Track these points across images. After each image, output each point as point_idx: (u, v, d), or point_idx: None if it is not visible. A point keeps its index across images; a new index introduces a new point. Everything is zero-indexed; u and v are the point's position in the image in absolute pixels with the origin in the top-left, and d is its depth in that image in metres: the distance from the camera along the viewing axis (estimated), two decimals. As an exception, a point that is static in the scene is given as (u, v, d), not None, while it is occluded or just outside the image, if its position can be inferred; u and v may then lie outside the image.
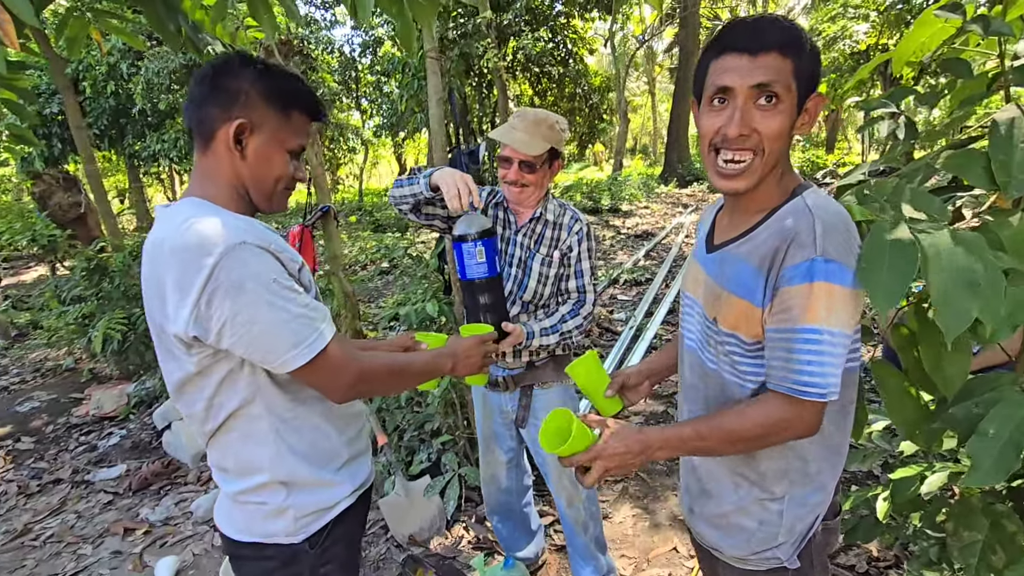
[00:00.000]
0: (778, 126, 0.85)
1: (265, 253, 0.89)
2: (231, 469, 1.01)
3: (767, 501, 1.00)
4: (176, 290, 0.85)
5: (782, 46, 0.82)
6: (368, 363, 1.00)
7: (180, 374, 0.94)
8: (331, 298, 2.94)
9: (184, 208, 0.92)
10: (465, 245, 1.38)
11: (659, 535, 2.28)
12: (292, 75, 0.99)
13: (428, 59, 2.01)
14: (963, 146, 1.12)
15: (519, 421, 1.74)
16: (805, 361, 0.83)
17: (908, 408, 1.03)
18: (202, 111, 0.94)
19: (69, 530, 2.64)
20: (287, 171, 1.00)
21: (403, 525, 2.34)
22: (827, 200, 0.89)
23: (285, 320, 0.89)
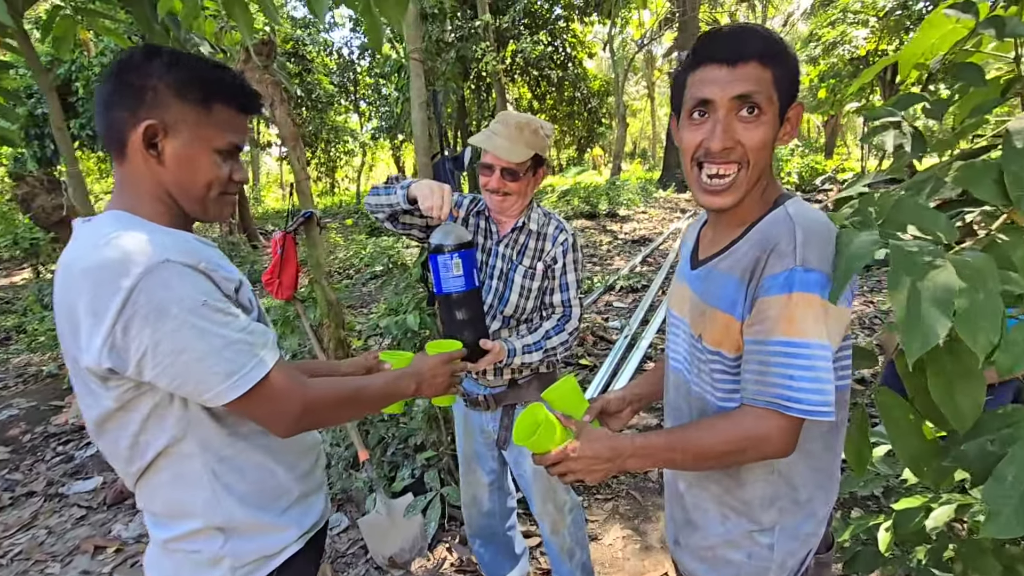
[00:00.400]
0: (761, 137, 0.82)
1: (193, 272, 0.80)
2: (160, 513, 0.91)
3: (756, 533, 0.94)
4: (88, 316, 0.75)
5: (762, 56, 0.80)
6: (317, 391, 0.90)
7: (98, 411, 0.83)
8: (314, 307, 2.85)
9: (103, 223, 0.82)
10: (441, 257, 1.30)
11: (650, 559, 2.19)
12: (211, 63, 0.88)
13: (411, 60, 1.92)
14: (974, 157, 1.04)
15: (501, 442, 1.65)
16: (781, 375, 0.79)
17: (914, 441, 0.94)
18: (109, 115, 0.84)
19: (38, 547, 2.54)
20: (218, 174, 0.88)
21: (383, 546, 2.24)
22: (809, 209, 0.86)
23: (218, 347, 0.79)
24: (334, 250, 8.44)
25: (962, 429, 0.86)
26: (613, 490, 2.63)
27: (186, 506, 0.88)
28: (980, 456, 0.83)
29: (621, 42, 22.80)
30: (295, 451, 1.00)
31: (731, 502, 0.95)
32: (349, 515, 2.53)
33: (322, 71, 15.84)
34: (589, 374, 3.95)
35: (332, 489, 2.63)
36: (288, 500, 0.97)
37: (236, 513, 0.90)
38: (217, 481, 0.88)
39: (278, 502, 0.96)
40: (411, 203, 1.39)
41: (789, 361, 0.78)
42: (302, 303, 2.84)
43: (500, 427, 1.65)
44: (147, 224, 0.83)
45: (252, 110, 0.92)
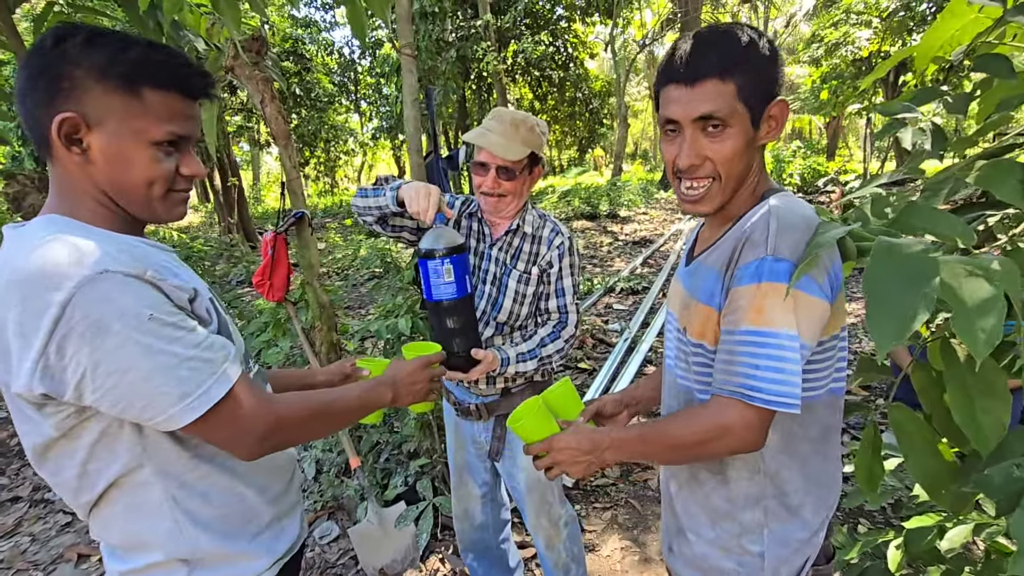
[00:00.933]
0: (730, 150, 0.83)
1: (137, 282, 0.70)
2: (118, 545, 0.83)
3: (744, 539, 0.92)
4: (17, 336, 0.67)
5: (721, 71, 0.79)
6: (285, 407, 0.82)
7: (39, 439, 0.75)
8: (306, 309, 2.78)
9: (35, 228, 0.72)
10: (431, 262, 1.23)
11: (649, 570, 2.12)
12: (138, 41, 0.75)
13: (403, 56, 1.86)
14: (997, 156, 0.97)
15: (493, 453, 1.59)
16: (747, 364, 0.78)
17: (931, 462, 0.88)
18: (25, 110, 0.74)
19: (21, 555, 2.48)
20: (159, 170, 0.77)
21: (374, 556, 2.17)
22: (792, 201, 0.86)
23: (169, 366, 0.71)
24: (332, 251, 8.38)
25: (984, 451, 0.80)
26: (612, 498, 2.56)
27: (145, 538, 0.81)
28: (1006, 482, 0.76)
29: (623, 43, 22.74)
30: (266, 471, 0.92)
31: (717, 503, 0.94)
32: (340, 524, 2.47)
33: (322, 70, 15.80)
34: (588, 377, 3.89)
35: (323, 496, 2.56)
36: (259, 525, 0.90)
37: (201, 543, 0.83)
38: (178, 509, 0.81)
39: (247, 528, 0.89)
40: (400, 206, 1.32)
41: (755, 351, 0.77)
42: (294, 305, 2.78)
43: (492, 438, 1.58)
44: (87, 228, 0.75)
45: (198, 94, 0.80)
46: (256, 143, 15.16)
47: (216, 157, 10.71)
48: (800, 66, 14.26)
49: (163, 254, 0.80)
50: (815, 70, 11.76)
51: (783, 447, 0.89)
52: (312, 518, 2.53)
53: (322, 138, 16.29)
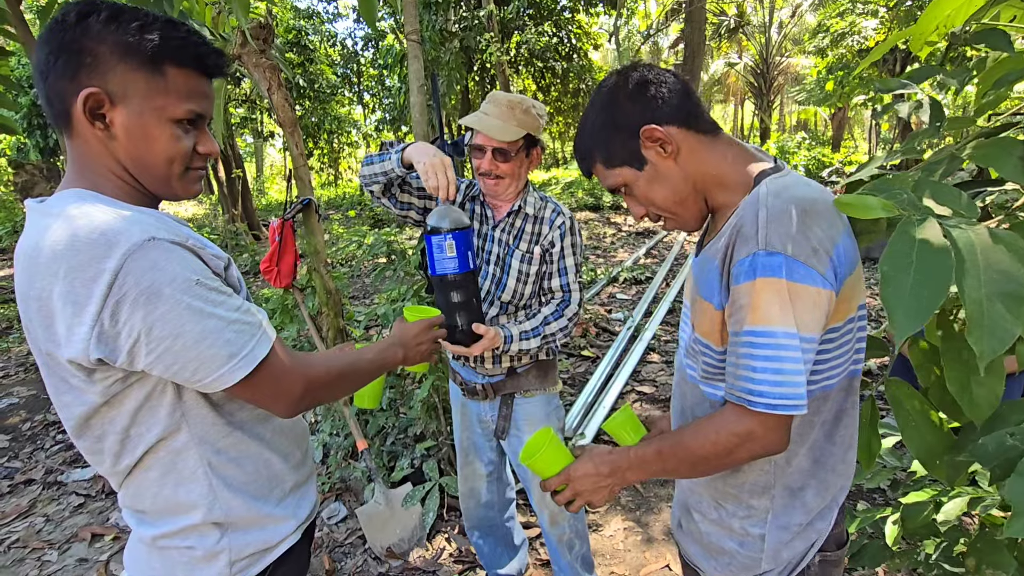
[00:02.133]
0: (645, 196, 0.89)
1: (181, 249, 0.73)
2: (149, 511, 0.86)
3: (747, 521, 0.91)
4: (68, 304, 0.68)
5: (587, 163, 0.92)
6: (317, 367, 0.87)
7: (82, 408, 0.76)
8: (313, 295, 2.81)
9: (65, 202, 0.73)
10: (435, 238, 1.26)
11: (652, 550, 2.16)
12: (159, 18, 0.76)
13: (408, 42, 1.87)
14: (995, 134, 0.99)
15: (499, 432, 1.62)
16: (750, 367, 0.75)
17: (927, 435, 0.90)
18: (47, 85, 0.74)
19: (36, 535, 2.53)
20: (179, 147, 0.79)
21: (382, 536, 2.22)
22: (787, 184, 0.80)
23: (217, 328, 0.74)
24: (335, 241, 8.41)
25: (979, 421, 0.82)
26: (614, 482, 2.60)
27: (180, 502, 0.83)
28: (999, 451, 0.79)
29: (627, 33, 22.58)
30: (289, 439, 0.96)
31: (724, 488, 0.93)
32: (347, 505, 2.51)
33: (325, 62, 15.76)
34: (591, 365, 3.92)
35: (331, 478, 2.61)
36: (283, 490, 0.94)
37: (234, 506, 0.86)
38: (214, 474, 0.84)
39: (274, 492, 0.92)
40: (407, 168, 1.34)
41: (753, 352, 0.74)
42: (301, 291, 2.81)
43: (499, 417, 1.61)
44: (116, 203, 0.76)
45: (215, 72, 0.82)
46: (260, 135, 15.16)
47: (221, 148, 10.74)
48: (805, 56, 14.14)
49: (186, 227, 0.83)
50: (821, 60, 11.68)
51: (794, 436, 0.87)
52: (320, 499, 2.57)
53: (325, 129, 16.27)
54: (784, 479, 0.87)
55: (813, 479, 0.89)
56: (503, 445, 1.68)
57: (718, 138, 0.88)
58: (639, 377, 3.71)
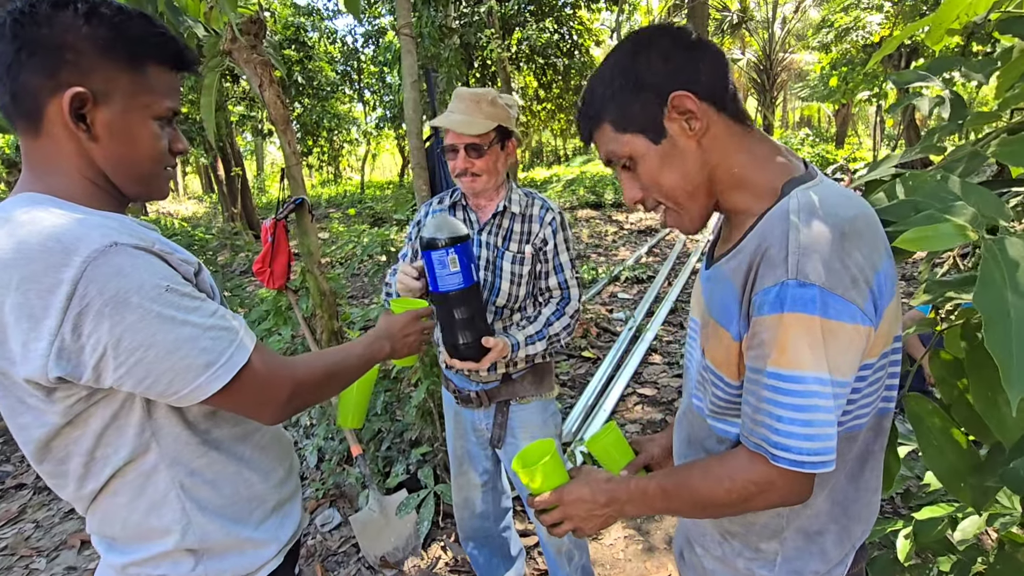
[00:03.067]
0: (648, 175, 0.76)
1: (147, 254, 0.68)
2: (119, 537, 0.80)
3: (754, 563, 0.82)
4: (22, 319, 0.63)
5: (592, 122, 0.78)
6: (302, 368, 0.82)
7: (42, 430, 0.71)
8: (307, 296, 2.76)
9: (18, 206, 0.68)
10: (435, 253, 1.19)
11: (652, 560, 2.10)
12: (136, 13, 0.72)
13: (401, 37, 1.81)
14: (1020, 130, 0.92)
15: (495, 441, 1.56)
16: (773, 415, 0.66)
17: (950, 455, 0.84)
18: (14, 80, 0.68)
19: (25, 541, 2.48)
20: (160, 145, 0.76)
21: (376, 544, 2.16)
22: (822, 197, 0.68)
23: (192, 336, 0.69)
24: (335, 240, 8.36)
25: (1008, 442, 0.76)
26: (615, 488, 2.54)
27: (152, 527, 0.78)
28: (1031, 474, 0.72)
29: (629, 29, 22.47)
30: (271, 456, 0.91)
31: (730, 525, 0.85)
32: (342, 511, 2.46)
33: (324, 59, 15.68)
34: (592, 367, 3.86)
35: (325, 484, 2.55)
36: (264, 511, 0.88)
37: (210, 531, 0.80)
38: (187, 497, 0.79)
39: (253, 514, 0.87)
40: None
41: (777, 398, 0.65)
42: (295, 293, 2.76)
43: (494, 424, 1.55)
44: (76, 207, 0.70)
45: (187, 68, 0.79)
46: (259, 132, 15.09)
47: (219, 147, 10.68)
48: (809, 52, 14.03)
49: (154, 232, 0.77)
50: (824, 56, 11.57)
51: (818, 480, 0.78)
52: (314, 506, 2.52)
53: (325, 127, 16.20)
54: (798, 522, 0.79)
55: (833, 524, 0.79)
56: (499, 454, 1.63)
57: (750, 131, 0.76)
58: (640, 379, 3.65)
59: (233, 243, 5.29)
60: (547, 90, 16.44)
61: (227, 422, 0.84)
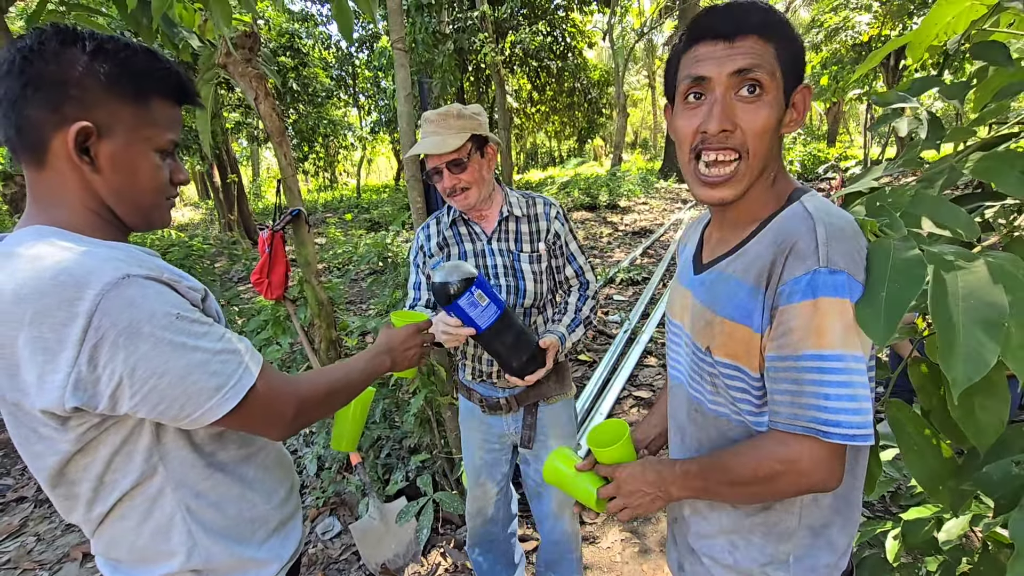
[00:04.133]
0: (764, 120, 0.73)
1: (157, 284, 0.70)
2: (125, 560, 0.82)
3: (768, 567, 0.85)
4: (38, 352, 0.64)
5: (762, 28, 0.72)
6: (305, 386, 0.85)
7: (55, 458, 0.73)
8: (305, 306, 2.78)
9: (23, 240, 0.69)
10: (463, 300, 1.19)
11: (648, 562, 2.13)
12: (140, 49, 0.75)
13: (394, 50, 1.84)
14: (995, 146, 0.96)
15: (526, 441, 1.59)
16: (815, 394, 0.69)
17: (929, 460, 0.87)
18: (20, 114, 0.70)
19: (27, 555, 2.49)
20: (162, 177, 0.79)
21: (376, 552, 2.19)
22: (830, 205, 0.77)
23: (203, 361, 0.71)
24: (332, 246, 8.37)
25: (983, 448, 0.79)
26: (612, 491, 2.57)
27: (159, 550, 0.80)
28: (1005, 480, 0.76)
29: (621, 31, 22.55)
30: (273, 477, 0.93)
31: (742, 530, 0.86)
32: (342, 520, 2.48)
33: (319, 65, 15.69)
34: (588, 369, 3.89)
35: (325, 493, 2.57)
36: (267, 531, 0.91)
37: (215, 552, 0.83)
38: (192, 519, 0.81)
39: (256, 534, 0.89)
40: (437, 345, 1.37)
41: (823, 378, 0.68)
42: (293, 303, 2.78)
43: (523, 427, 1.59)
44: (82, 239, 0.72)
45: (190, 102, 0.82)
46: (255, 139, 15.09)
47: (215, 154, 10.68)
48: (800, 52, 14.08)
49: (158, 259, 0.80)
50: (815, 56, 11.65)
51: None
52: (314, 514, 2.54)
53: (320, 133, 16.21)
54: (809, 519, 0.82)
55: (838, 516, 0.83)
56: (524, 454, 1.65)
57: None
58: (636, 381, 3.68)
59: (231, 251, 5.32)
60: (541, 92, 16.50)
61: (232, 444, 0.86)
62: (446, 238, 1.52)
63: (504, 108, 11.42)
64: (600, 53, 26.42)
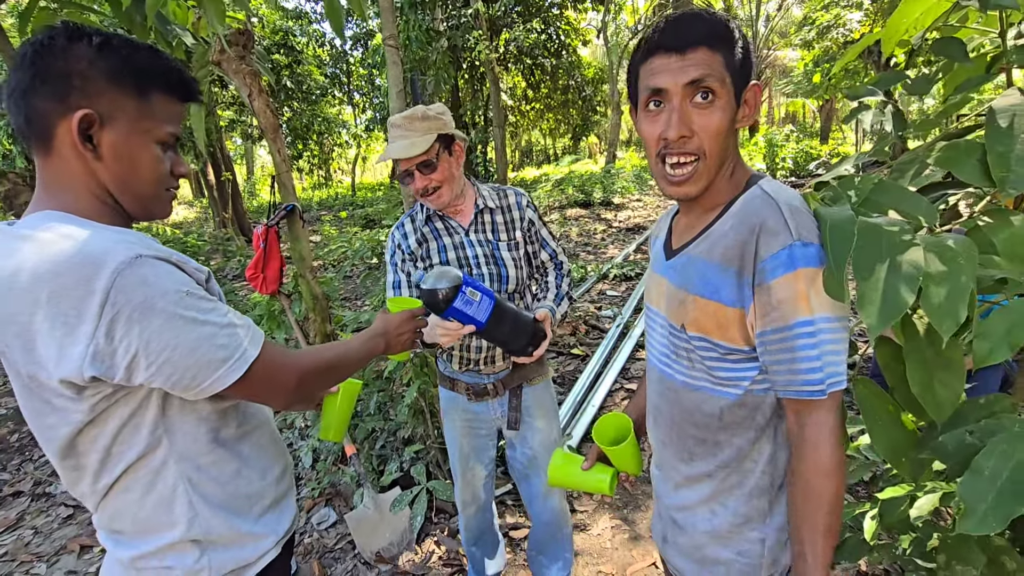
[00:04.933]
0: (717, 123, 0.81)
1: (167, 264, 0.76)
2: (128, 531, 0.86)
3: (745, 527, 0.91)
4: (57, 326, 0.69)
5: (709, 40, 0.80)
6: (307, 360, 0.90)
7: (67, 428, 0.77)
8: (300, 301, 2.81)
9: (37, 224, 0.74)
10: (458, 302, 1.22)
11: (638, 548, 2.17)
12: (144, 47, 0.80)
13: (386, 47, 1.87)
14: (958, 137, 1.00)
15: (513, 423, 1.64)
16: (813, 357, 0.78)
17: (893, 433, 0.91)
18: (29, 104, 0.75)
19: (24, 547, 2.52)
20: (162, 168, 0.83)
21: (371, 541, 2.23)
22: (782, 185, 0.86)
23: (211, 334, 0.77)
24: (327, 243, 8.39)
25: (940, 420, 0.83)
26: (603, 481, 2.62)
27: (160, 520, 0.84)
28: (958, 448, 0.80)
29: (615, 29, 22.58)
30: (268, 455, 0.97)
31: (719, 496, 0.93)
32: (337, 510, 2.51)
33: (313, 62, 15.66)
34: (581, 364, 3.93)
35: (320, 484, 2.61)
36: (262, 507, 0.95)
37: (214, 524, 0.87)
38: (194, 491, 0.85)
39: (253, 509, 0.93)
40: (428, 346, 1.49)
41: (813, 341, 0.77)
42: (287, 297, 2.81)
43: (510, 409, 1.65)
44: (91, 223, 0.76)
45: (192, 98, 0.86)
46: (249, 137, 15.06)
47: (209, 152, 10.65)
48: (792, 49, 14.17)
49: (163, 246, 0.84)
50: (807, 53, 11.74)
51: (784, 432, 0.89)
52: (310, 505, 2.57)
53: (315, 131, 16.18)
54: (772, 477, 0.90)
55: None
56: (509, 436, 1.70)
57: None
58: (628, 375, 3.73)
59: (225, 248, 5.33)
60: (535, 90, 16.53)
61: (232, 422, 0.90)
62: (424, 234, 1.55)
63: (499, 106, 11.45)
64: (594, 51, 26.45)
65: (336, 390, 1.21)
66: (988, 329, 0.73)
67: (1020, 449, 0.72)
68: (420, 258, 1.55)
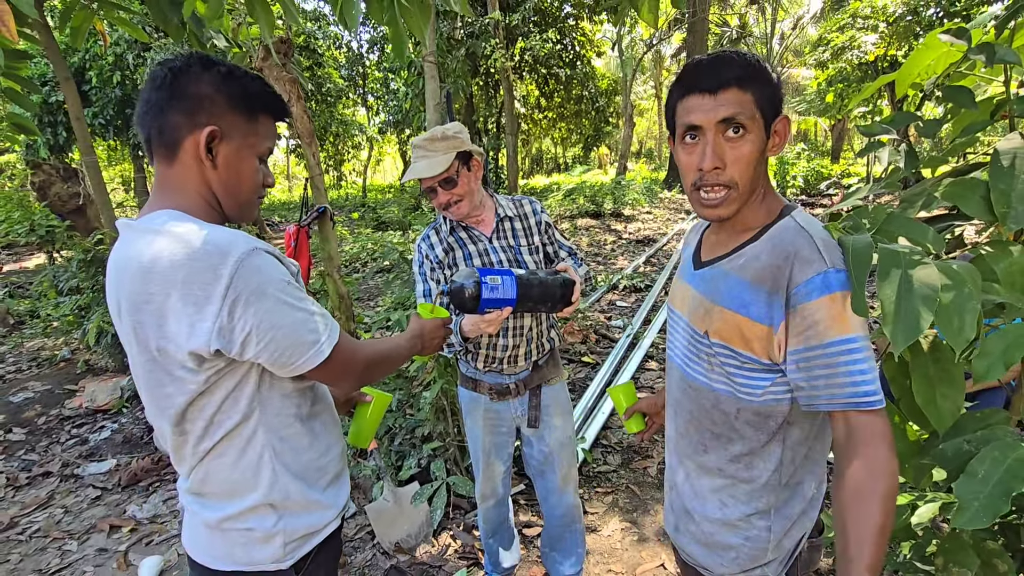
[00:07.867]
0: (747, 154, 0.90)
1: (274, 258, 0.89)
2: (215, 493, 0.97)
3: (753, 516, 1.00)
4: (189, 304, 0.81)
5: (741, 81, 0.88)
6: (370, 350, 1.03)
7: (183, 397, 0.88)
8: (325, 299, 2.92)
9: (164, 221, 0.87)
10: (484, 292, 1.33)
11: (647, 550, 2.26)
12: (255, 77, 0.95)
13: (426, 63, 1.98)
14: (964, 173, 1.10)
15: (532, 422, 1.74)
16: (855, 372, 0.83)
17: (898, 441, 1.01)
18: (163, 118, 0.89)
19: (55, 525, 2.63)
20: (259, 178, 0.98)
21: (390, 531, 2.32)
22: (813, 219, 0.94)
23: (304, 319, 0.89)
24: (340, 243, 8.52)
25: (942, 430, 0.93)
26: (613, 484, 2.71)
27: (246, 484, 0.95)
28: (956, 455, 0.90)
29: (630, 41, 22.76)
30: (332, 435, 1.08)
31: (732, 491, 1.01)
32: (357, 502, 2.61)
33: (332, 65, 15.89)
34: (591, 372, 4.02)
35: (340, 477, 2.70)
36: (327, 479, 1.05)
37: (291, 491, 0.98)
38: (277, 459, 0.96)
39: (320, 481, 1.04)
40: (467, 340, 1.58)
41: (853, 357, 0.82)
42: (314, 296, 2.92)
43: (529, 408, 1.75)
44: (202, 222, 0.88)
45: (285, 118, 1.01)
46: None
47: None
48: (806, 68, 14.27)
49: None
50: (821, 73, 11.83)
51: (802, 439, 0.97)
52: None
53: (331, 132, 16.40)
54: (786, 477, 0.97)
55: (808, 473, 1.00)
56: (527, 434, 1.80)
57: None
58: (637, 384, 3.82)
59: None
60: (549, 99, 16.68)
61: (308, 400, 1.02)
62: (450, 244, 1.66)
63: (512, 113, 11.59)
64: (608, 62, 26.64)
65: (370, 399, 1.31)
66: (986, 349, 0.82)
67: (1010, 456, 0.81)
68: (448, 266, 1.65)
